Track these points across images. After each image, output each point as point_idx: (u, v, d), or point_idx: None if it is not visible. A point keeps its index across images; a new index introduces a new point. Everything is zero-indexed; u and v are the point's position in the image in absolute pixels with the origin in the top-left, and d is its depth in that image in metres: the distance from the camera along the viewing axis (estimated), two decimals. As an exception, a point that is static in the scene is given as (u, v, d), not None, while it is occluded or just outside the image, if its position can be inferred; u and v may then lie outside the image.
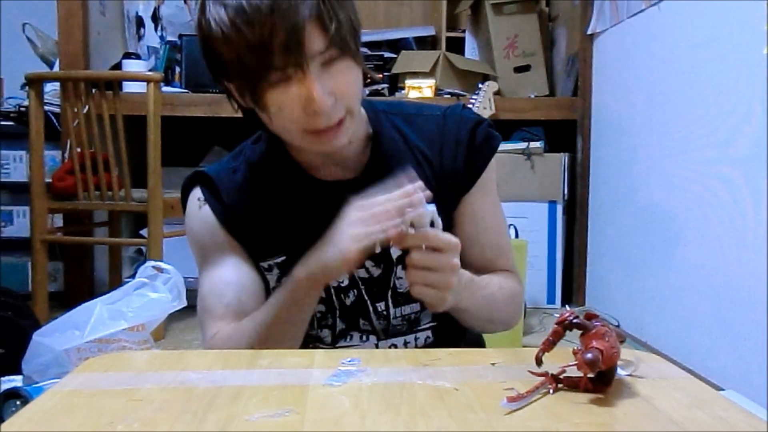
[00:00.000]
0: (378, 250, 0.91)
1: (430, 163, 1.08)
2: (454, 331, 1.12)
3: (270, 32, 0.85)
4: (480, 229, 1.11)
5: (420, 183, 0.88)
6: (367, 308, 1.07)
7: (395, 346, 1.09)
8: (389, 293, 1.07)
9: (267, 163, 1.08)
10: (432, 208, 0.88)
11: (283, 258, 1.06)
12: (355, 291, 1.07)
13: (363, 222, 0.87)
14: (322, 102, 0.88)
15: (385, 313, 1.07)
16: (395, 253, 1.06)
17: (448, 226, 1.09)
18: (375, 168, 1.06)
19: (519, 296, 1.16)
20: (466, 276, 0.96)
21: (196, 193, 1.09)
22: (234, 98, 1.00)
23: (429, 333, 1.11)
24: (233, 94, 0.99)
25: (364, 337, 1.09)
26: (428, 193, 0.88)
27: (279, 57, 0.86)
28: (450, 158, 1.08)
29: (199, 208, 1.07)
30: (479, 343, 1.22)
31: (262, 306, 1.00)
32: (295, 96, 0.89)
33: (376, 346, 1.08)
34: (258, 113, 0.97)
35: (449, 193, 1.08)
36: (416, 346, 1.10)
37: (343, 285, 1.06)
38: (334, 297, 1.06)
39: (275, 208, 1.06)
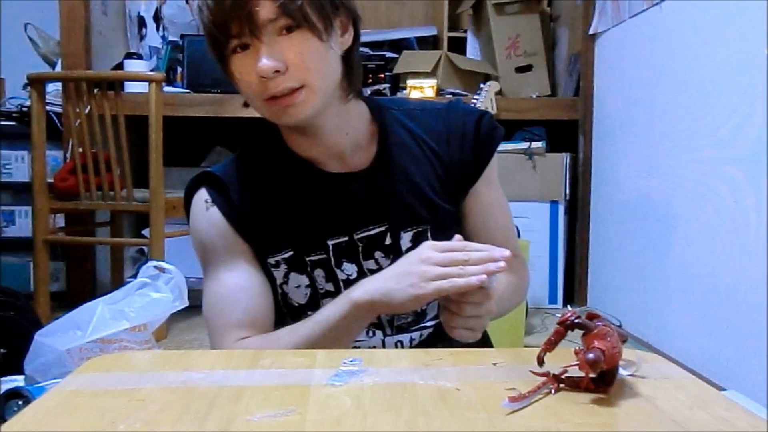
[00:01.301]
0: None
1: (437, 155, 1.09)
2: None
3: (225, 2, 0.92)
4: (488, 218, 1.14)
5: (507, 252, 0.88)
6: None
7: (401, 343, 1.10)
8: None
9: (272, 160, 1.09)
10: (501, 277, 0.90)
11: (291, 253, 1.06)
12: None
13: (439, 263, 0.88)
14: (263, 66, 0.93)
15: None
16: (405, 245, 1.07)
17: (457, 217, 1.12)
18: (383, 160, 1.08)
19: (524, 283, 1.19)
20: None
21: (203, 195, 1.08)
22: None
23: (432, 330, 1.12)
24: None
25: (371, 333, 1.09)
26: (508, 253, 0.88)
27: (235, 24, 0.93)
28: (457, 150, 1.10)
29: (206, 210, 1.07)
30: (484, 340, 1.23)
31: (307, 321, 0.99)
32: (250, 61, 0.94)
33: (383, 342, 1.09)
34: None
35: (457, 184, 1.10)
36: (420, 343, 1.11)
37: (352, 278, 1.07)
38: (342, 290, 1.06)
39: (282, 203, 1.07)
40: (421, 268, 0.88)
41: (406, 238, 1.07)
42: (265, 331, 1.05)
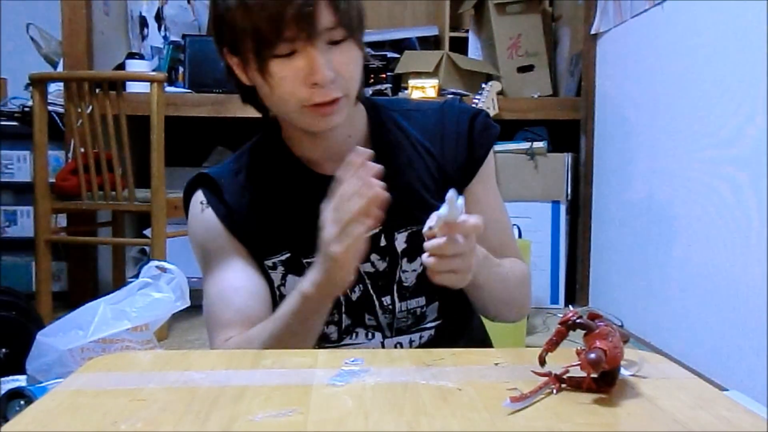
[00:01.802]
0: (368, 234, 0.89)
1: (432, 155, 1.09)
2: (459, 330, 1.13)
3: (286, 3, 0.90)
4: (485, 218, 1.12)
5: (363, 150, 0.88)
6: (373, 302, 1.07)
7: (401, 345, 1.09)
8: (395, 287, 1.07)
9: (268, 161, 1.09)
10: (461, 200, 0.87)
11: (288, 255, 1.06)
12: (361, 286, 1.07)
13: (335, 220, 0.87)
14: (323, 74, 0.92)
15: (390, 307, 1.08)
16: (400, 246, 1.07)
17: None
18: (377, 161, 1.07)
19: (528, 279, 1.18)
20: (481, 252, 0.98)
21: (198, 197, 1.09)
22: (234, 75, 1.02)
23: (432, 332, 1.11)
24: (234, 70, 1.02)
25: (370, 335, 1.09)
26: (379, 167, 0.88)
27: (291, 28, 0.91)
28: (451, 149, 1.09)
29: (201, 212, 1.08)
30: (484, 341, 1.23)
31: (271, 317, 1.00)
32: (299, 68, 0.93)
33: (382, 345, 1.09)
34: (258, 88, 1.00)
35: (452, 183, 1.09)
36: (421, 345, 1.11)
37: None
38: (340, 294, 1.06)
39: (278, 205, 1.07)
40: (329, 230, 0.88)
41: (400, 239, 1.07)
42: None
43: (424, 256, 0.91)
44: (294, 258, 1.06)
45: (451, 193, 0.87)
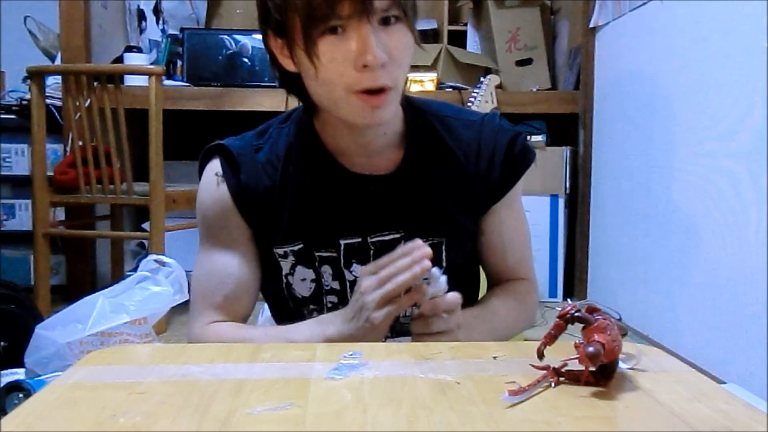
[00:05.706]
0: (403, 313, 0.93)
1: (463, 168, 1.07)
2: None
3: None
4: (505, 239, 1.13)
5: (427, 250, 0.89)
6: None
7: None
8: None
9: (295, 146, 1.06)
10: (443, 278, 0.91)
11: (300, 246, 1.05)
12: None
13: (379, 286, 0.88)
14: (376, 54, 0.87)
15: None
16: None
17: (474, 233, 1.11)
18: (408, 167, 1.05)
19: (531, 307, 1.18)
20: (470, 314, 0.99)
21: (215, 166, 1.06)
22: (278, 62, 0.99)
23: None
24: (277, 57, 0.98)
25: None
26: (428, 251, 0.88)
27: (347, 5, 0.86)
28: (485, 166, 1.08)
29: (217, 185, 1.05)
30: None
31: (280, 331, 1.00)
32: (349, 48, 0.89)
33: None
34: (304, 73, 0.95)
35: (480, 199, 1.09)
36: None
37: None
38: (348, 290, 1.06)
39: (298, 193, 1.04)
40: (366, 300, 0.89)
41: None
42: (239, 320, 1.06)
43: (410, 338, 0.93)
44: (306, 249, 1.04)
45: (435, 271, 0.89)
